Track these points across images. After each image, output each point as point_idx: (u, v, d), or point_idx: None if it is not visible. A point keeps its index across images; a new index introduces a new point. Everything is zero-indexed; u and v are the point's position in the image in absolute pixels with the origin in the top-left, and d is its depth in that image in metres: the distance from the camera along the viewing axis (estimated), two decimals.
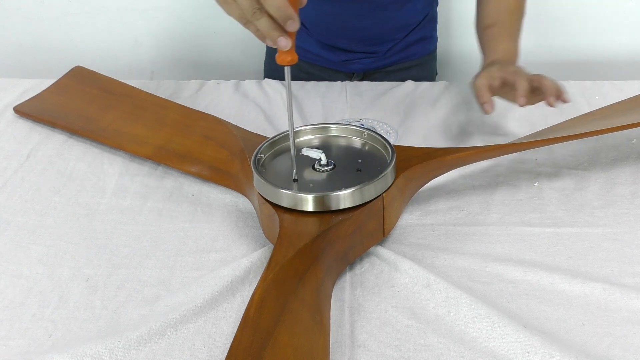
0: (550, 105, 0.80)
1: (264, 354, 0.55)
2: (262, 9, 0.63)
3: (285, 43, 0.65)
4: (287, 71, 0.69)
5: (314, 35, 1.19)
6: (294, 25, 0.64)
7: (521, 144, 0.80)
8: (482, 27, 0.90)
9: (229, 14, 0.67)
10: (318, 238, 0.68)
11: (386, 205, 0.73)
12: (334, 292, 0.70)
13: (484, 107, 0.82)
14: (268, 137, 0.82)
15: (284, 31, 0.64)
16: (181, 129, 0.97)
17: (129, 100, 1.05)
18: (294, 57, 0.67)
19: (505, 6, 0.92)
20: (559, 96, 0.81)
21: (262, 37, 0.66)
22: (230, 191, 0.88)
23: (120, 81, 1.10)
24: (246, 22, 0.65)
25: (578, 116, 0.92)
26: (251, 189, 0.79)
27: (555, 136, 0.81)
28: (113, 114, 1.03)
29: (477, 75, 0.87)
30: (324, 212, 0.70)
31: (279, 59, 0.67)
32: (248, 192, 0.83)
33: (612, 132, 0.80)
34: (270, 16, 0.63)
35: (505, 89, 0.86)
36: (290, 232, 0.68)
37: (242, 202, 0.86)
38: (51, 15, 1.61)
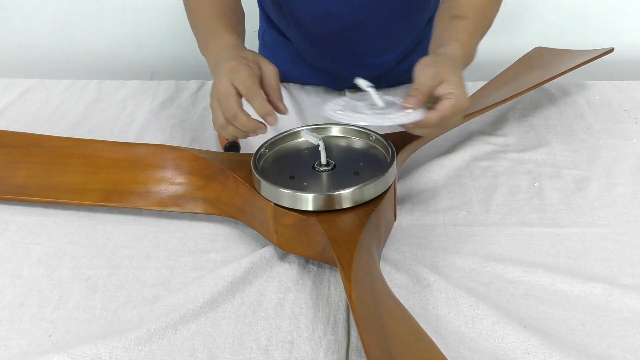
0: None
1: (391, 349, 0.55)
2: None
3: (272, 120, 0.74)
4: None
5: (311, 62, 1.14)
6: (272, 120, 0.73)
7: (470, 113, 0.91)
8: (449, 15, 0.84)
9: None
10: (366, 230, 0.68)
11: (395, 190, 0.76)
12: (335, 292, 0.70)
13: (407, 101, 0.72)
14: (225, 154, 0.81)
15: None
16: (126, 166, 0.85)
17: (40, 151, 0.89)
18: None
19: (479, 3, 0.83)
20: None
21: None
22: None
23: (19, 132, 0.93)
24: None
25: (490, 83, 1.05)
26: (249, 204, 0.76)
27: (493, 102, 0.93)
28: (26, 169, 0.88)
29: (426, 67, 0.73)
30: (356, 206, 0.71)
31: None
32: (239, 211, 0.79)
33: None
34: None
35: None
36: (336, 231, 0.68)
37: None
38: (51, 15, 1.60)
